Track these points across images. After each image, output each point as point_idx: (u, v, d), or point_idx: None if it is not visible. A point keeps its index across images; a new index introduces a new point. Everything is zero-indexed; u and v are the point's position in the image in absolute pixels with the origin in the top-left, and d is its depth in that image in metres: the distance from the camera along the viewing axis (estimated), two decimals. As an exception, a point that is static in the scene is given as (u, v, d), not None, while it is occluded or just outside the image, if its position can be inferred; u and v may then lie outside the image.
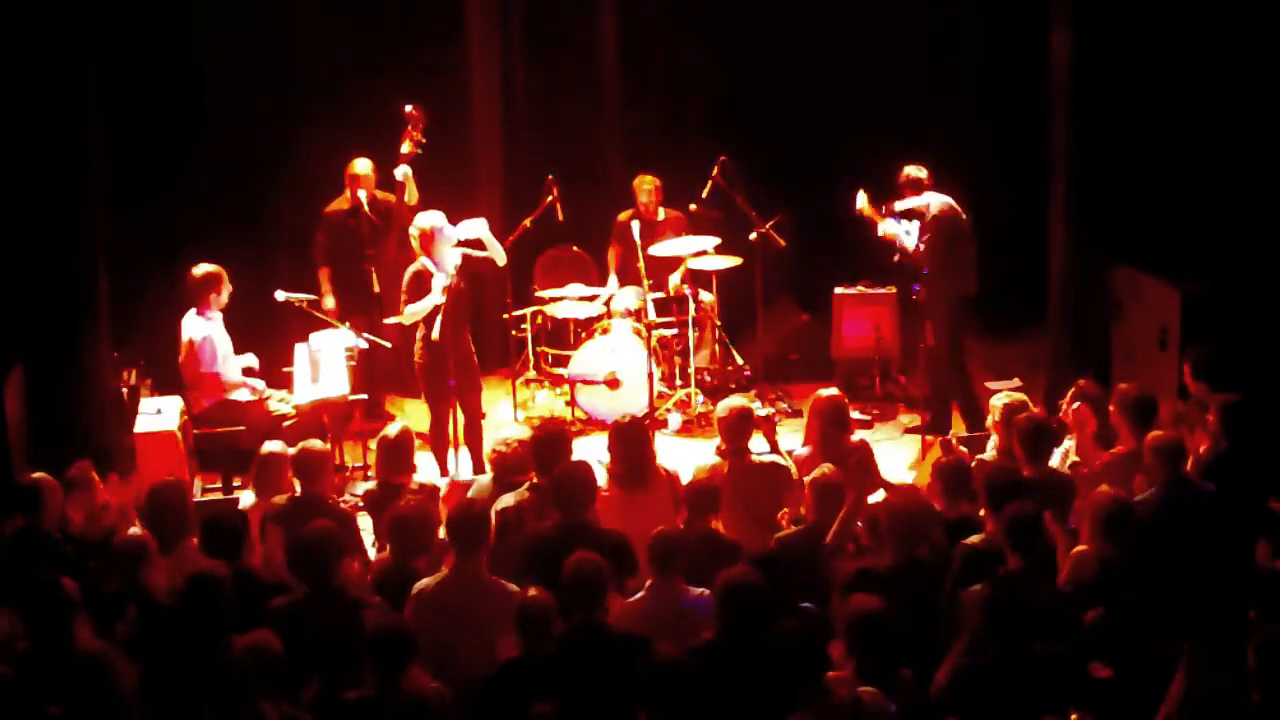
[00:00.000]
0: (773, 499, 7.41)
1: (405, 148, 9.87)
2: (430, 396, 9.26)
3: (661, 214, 10.82)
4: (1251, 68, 9.03)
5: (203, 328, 9.12)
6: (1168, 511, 6.67)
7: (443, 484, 8.32)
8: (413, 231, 9.13)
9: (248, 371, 9.46)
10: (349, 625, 6.02)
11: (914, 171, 9.68)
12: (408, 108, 9.87)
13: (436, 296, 8.89)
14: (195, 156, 10.59)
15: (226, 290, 9.24)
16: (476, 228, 9.26)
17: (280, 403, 9.36)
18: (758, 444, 7.70)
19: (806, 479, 7.04)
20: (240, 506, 7.62)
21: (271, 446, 7.74)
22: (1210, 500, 6.86)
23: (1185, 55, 9.07)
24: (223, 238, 10.32)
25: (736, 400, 7.85)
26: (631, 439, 7.48)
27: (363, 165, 10.11)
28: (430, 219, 9.07)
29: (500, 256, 9.38)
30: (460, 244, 9.14)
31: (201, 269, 9.20)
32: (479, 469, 8.99)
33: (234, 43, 10.59)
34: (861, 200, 9.78)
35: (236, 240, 10.37)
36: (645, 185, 10.76)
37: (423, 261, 9.02)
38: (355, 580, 6.69)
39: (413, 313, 8.98)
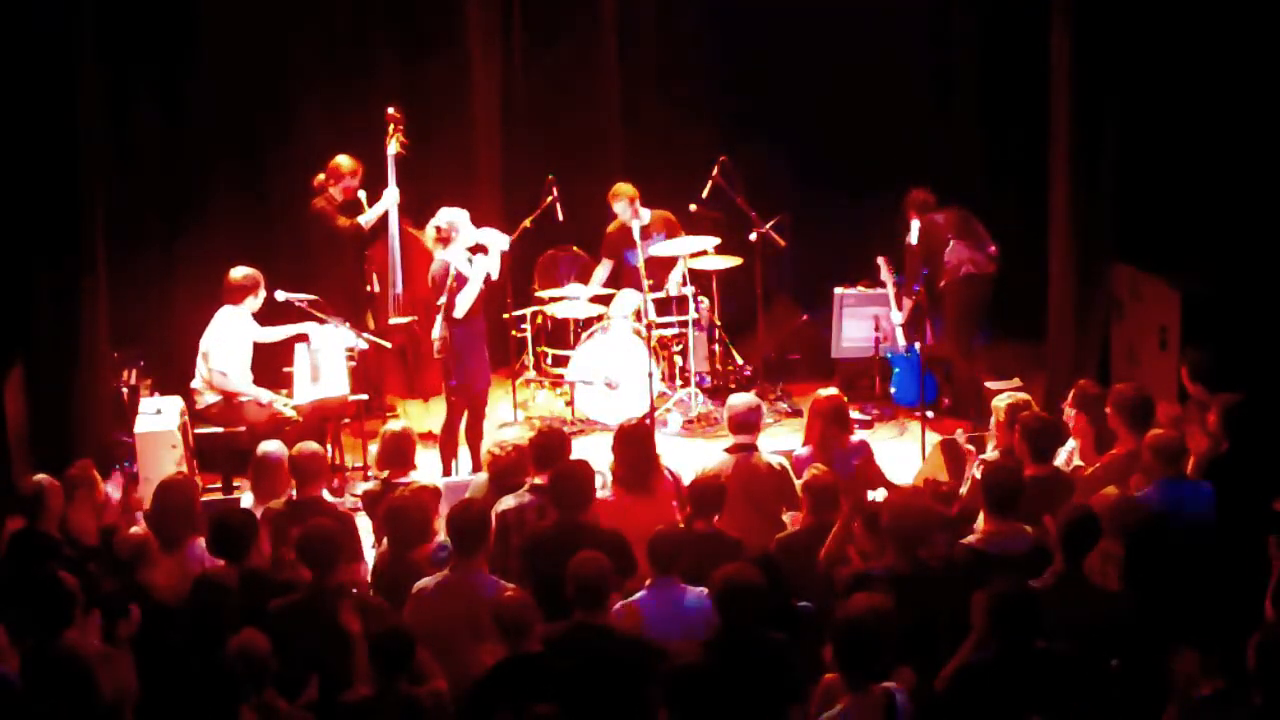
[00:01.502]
0: (780, 497, 7.41)
1: (393, 148, 9.97)
2: (450, 394, 9.28)
3: (647, 216, 10.75)
4: (1252, 68, 9.03)
5: (225, 325, 9.17)
6: (1163, 510, 6.65)
7: (443, 484, 8.31)
8: (439, 224, 9.12)
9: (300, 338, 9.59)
10: (347, 625, 6.02)
11: (918, 194, 10.14)
12: (389, 109, 9.97)
13: (478, 283, 9.00)
14: (195, 157, 10.58)
15: (261, 294, 9.30)
16: (495, 240, 9.28)
17: (284, 406, 9.37)
18: (766, 442, 7.72)
19: (801, 479, 7.06)
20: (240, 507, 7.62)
21: (268, 447, 7.74)
22: (1207, 499, 6.86)
23: (1186, 56, 9.07)
24: (223, 238, 10.34)
25: (747, 397, 7.84)
26: (636, 442, 7.48)
27: (347, 161, 10.10)
28: (454, 215, 9.12)
29: (496, 272, 9.36)
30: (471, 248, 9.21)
31: (240, 272, 9.27)
32: (477, 467, 8.99)
33: (233, 44, 10.57)
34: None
35: (236, 240, 10.37)
36: (618, 195, 10.60)
37: (442, 258, 9.04)
38: (354, 580, 6.69)
39: (464, 304, 9.00)
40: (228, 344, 9.19)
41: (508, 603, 5.79)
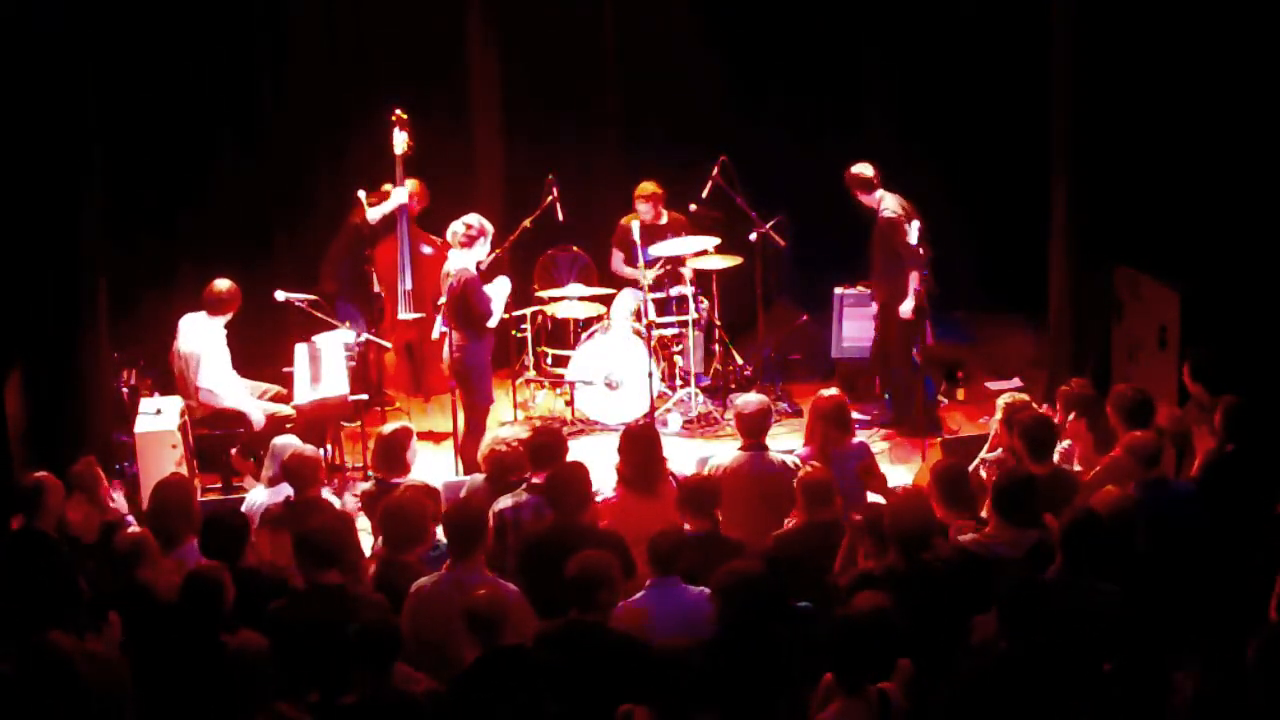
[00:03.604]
0: (789, 497, 7.40)
1: (400, 148, 9.99)
2: (467, 398, 9.30)
3: (664, 218, 10.77)
4: (1251, 68, 9.03)
5: (209, 336, 9.17)
6: (1145, 511, 6.63)
7: (440, 484, 8.31)
8: (470, 222, 9.12)
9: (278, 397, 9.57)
10: (346, 625, 6.01)
11: (863, 170, 9.91)
12: (396, 110, 9.99)
13: (502, 299, 9.19)
14: (195, 156, 10.59)
15: (235, 311, 9.27)
16: (499, 285, 9.33)
17: (281, 405, 9.37)
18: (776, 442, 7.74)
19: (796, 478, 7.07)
20: (248, 504, 7.64)
21: (280, 440, 7.84)
22: (1190, 499, 6.86)
23: (1186, 56, 9.07)
24: (222, 238, 10.35)
25: (755, 398, 7.85)
26: (643, 443, 7.48)
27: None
28: (485, 221, 9.17)
29: (496, 318, 9.39)
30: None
31: (223, 284, 9.20)
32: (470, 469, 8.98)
33: (233, 45, 10.59)
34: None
35: (236, 240, 10.38)
36: (645, 195, 10.57)
37: (463, 260, 9.06)
38: (353, 579, 6.69)
39: (500, 309, 9.18)
40: (213, 358, 9.11)
41: (478, 601, 5.75)
